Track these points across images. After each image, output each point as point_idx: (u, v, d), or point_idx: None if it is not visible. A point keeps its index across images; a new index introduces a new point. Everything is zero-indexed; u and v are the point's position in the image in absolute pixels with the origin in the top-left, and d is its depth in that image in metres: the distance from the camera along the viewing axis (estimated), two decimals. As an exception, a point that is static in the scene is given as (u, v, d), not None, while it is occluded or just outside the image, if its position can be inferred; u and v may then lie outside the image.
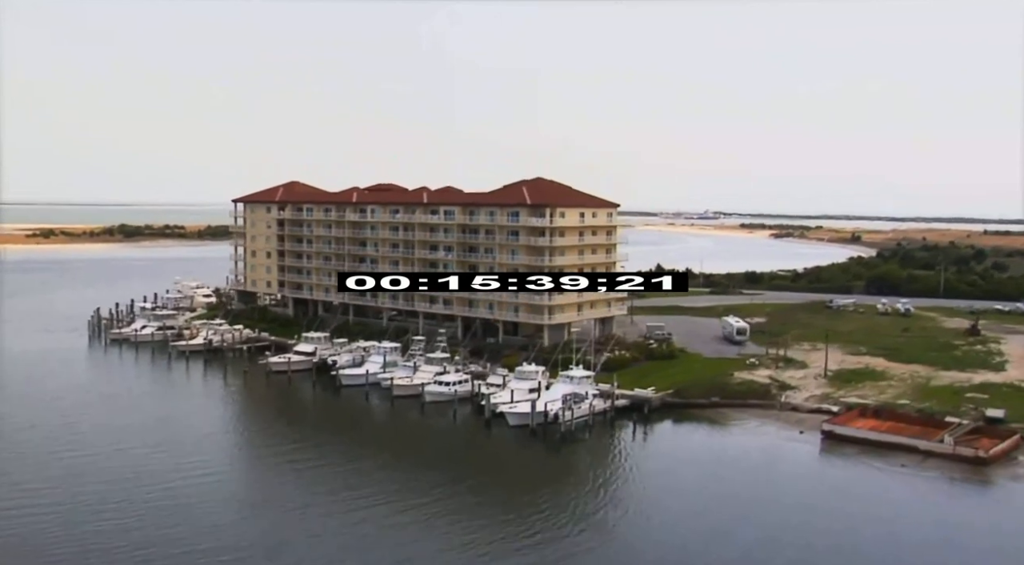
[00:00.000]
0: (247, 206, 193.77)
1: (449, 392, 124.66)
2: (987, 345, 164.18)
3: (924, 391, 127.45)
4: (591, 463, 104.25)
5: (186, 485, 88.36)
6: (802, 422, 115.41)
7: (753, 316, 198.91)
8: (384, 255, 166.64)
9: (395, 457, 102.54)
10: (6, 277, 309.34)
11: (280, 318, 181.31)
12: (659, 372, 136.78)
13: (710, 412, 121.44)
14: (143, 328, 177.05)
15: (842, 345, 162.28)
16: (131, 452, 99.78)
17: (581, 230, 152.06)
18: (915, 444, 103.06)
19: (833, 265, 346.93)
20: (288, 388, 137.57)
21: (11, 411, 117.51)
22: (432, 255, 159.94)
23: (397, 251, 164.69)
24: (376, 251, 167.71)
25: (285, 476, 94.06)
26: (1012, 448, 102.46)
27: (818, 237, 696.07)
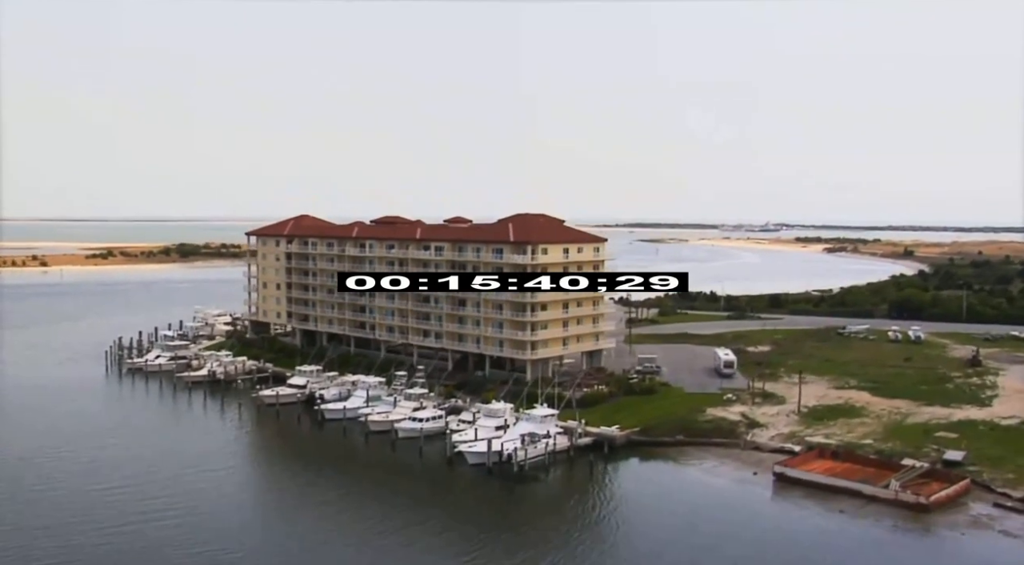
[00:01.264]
0: (259, 239, 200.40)
1: (423, 428, 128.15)
2: (985, 377, 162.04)
3: (894, 430, 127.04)
4: (535, 505, 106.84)
5: (131, 530, 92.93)
6: (761, 462, 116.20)
7: (760, 344, 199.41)
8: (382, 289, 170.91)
9: (345, 494, 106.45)
10: (59, 302, 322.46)
11: (288, 348, 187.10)
12: (634, 408, 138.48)
13: (673, 451, 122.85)
14: (156, 358, 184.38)
15: (834, 377, 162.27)
16: (88, 490, 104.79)
17: (565, 266, 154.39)
18: (860, 489, 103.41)
19: (867, 285, 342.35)
20: (275, 422, 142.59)
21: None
22: (424, 290, 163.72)
23: (395, 284, 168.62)
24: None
25: (235, 517, 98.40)
26: (959, 494, 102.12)
27: (871, 251, 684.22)
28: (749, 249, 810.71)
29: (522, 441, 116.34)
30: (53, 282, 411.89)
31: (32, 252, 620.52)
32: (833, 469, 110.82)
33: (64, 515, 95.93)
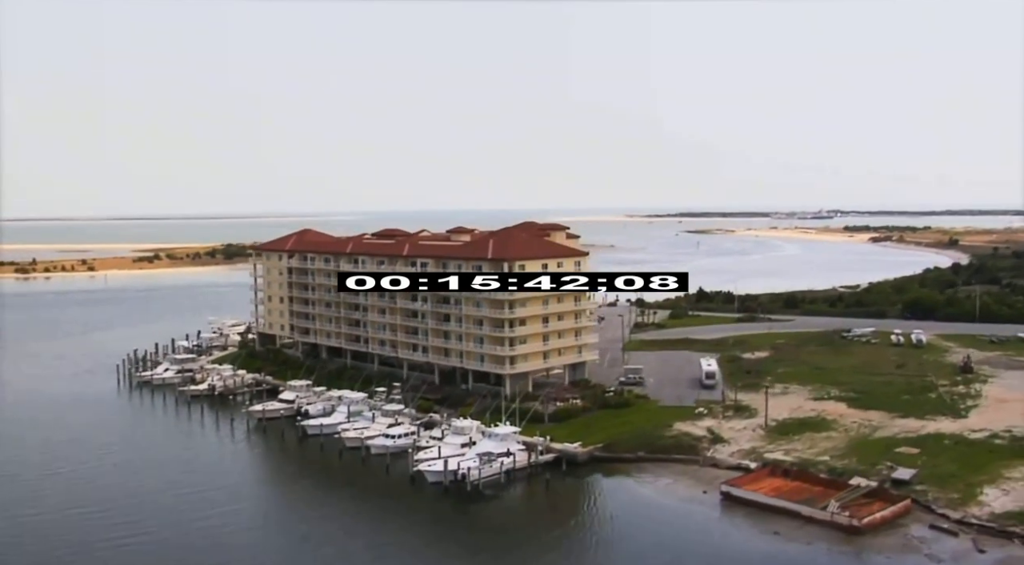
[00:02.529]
0: (264, 254, 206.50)
1: (393, 445, 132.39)
2: (972, 385, 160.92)
3: (857, 446, 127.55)
4: (479, 525, 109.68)
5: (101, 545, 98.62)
6: (716, 479, 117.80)
7: (758, 350, 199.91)
8: (373, 304, 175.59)
9: (307, 512, 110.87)
10: (97, 310, 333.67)
11: (290, 361, 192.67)
12: (604, 423, 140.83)
13: (633, 468, 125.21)
14: (165, 371, 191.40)
15: (818, 386, 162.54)
16: (63, 511, 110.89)
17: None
18: (799, 510, 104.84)
19: (893, 281, 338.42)
20: (260, 438, 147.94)
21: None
22: (412, 305, 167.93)
23: (383, 300, 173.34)
24: (366, 300, 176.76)
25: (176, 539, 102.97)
26: (897, 515, 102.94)
27: (916, 240, 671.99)
28: (794, 240, 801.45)
29: (479, 460, 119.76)
30: (97, 288, 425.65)
31: (83, 254, 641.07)
32: (781, 488, 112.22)
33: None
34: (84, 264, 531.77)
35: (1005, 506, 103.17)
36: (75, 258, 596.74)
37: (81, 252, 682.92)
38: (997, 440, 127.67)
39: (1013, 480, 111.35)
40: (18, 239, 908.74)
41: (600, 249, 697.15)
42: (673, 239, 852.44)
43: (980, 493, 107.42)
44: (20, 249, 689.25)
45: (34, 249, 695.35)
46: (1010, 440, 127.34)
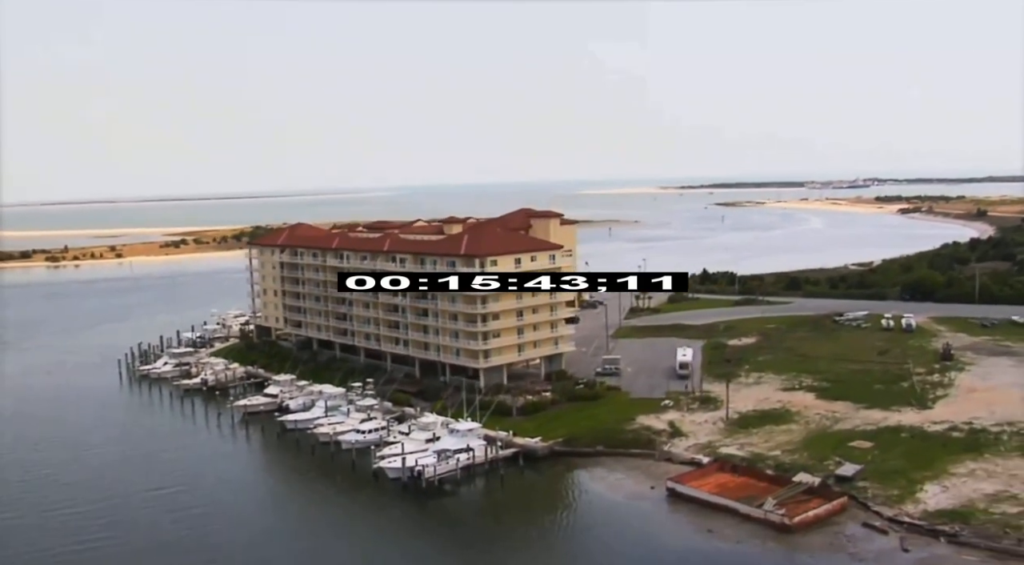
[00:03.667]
0: (258, 248, 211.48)
1: (363, 440, 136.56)
2: (948, 374, 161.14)
3: (813, 440, 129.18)
4: (428, 523, 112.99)
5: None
6: (667, 474, 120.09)
7: (746, 336, 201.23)
8: (357, 298, 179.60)
9: (265, 508, 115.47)
10: (117, 299, 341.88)
11: (284, 353, 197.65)
12: (570, 416, 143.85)
13: (590, 462, 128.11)
14: (164, 365, 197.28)
15: (793, 375, 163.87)
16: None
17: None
18: (736, 507, 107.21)
19: (904, 258, 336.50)
20: (244, 432, 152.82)
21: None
22: (392, 300, 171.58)
23: (367, 294, 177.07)
24: (351, 294, 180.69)
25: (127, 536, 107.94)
26: (832, 513, 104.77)
27: (946, 211, 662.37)
28: (821, 212, 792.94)
29: (437, 456, 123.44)
30: (122, 276, 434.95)
31: (116, 239, 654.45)
32: (726, 485, 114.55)
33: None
34: (113, 251, 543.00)
35: (940, 504, 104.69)
36: (107, 244, 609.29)
37: (113, 238, 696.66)
38: (955, 433, 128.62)
39: (956, 476, 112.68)
40: (54, 225, 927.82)
41: (624, 225, 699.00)
42: (701, 213, 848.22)
43: (920, 490, 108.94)
44: (54, 235, 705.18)
45: (68, 235, 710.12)
46: (967, 433, 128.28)
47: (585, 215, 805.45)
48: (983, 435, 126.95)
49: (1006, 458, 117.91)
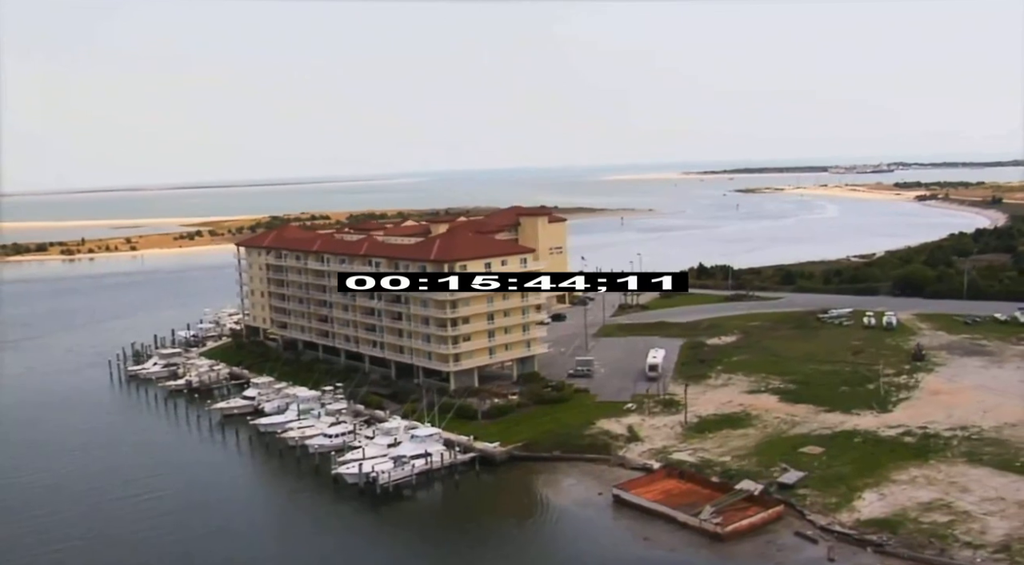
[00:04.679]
0: (247, 249, 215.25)
1: (330, 444, 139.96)
2: (916, 375, 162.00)
3: (766, 444, 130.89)
4: (377, 529, 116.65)
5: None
6: (619, 479, 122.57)
7: (727, 334, 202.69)
8: (336, 301, 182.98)
9: (222, 512, 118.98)
10: (123, 294, 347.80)
11: (271, 353, 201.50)
12: (534, 420, 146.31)
13: (545, 467, 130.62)
14: (153, 365, 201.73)
15: (762, 376, 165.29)
16: None
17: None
18: (675, 515, 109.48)
19: (905, 250, 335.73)
20: (220, 435, 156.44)
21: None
22: (369, 303, 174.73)
23: (345, 297, 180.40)
24: (330, 296, 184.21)
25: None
26: (767, 521, 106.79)
27: (962, 198, 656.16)
28: (839, 199, 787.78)
29: (394, 462, 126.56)
30: (133, 270, 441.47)
31: (135, 230, 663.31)
32: (671, 491, 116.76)
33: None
34: (128, 243, 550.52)
35: (874, 512, 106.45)
36: (125, 235, 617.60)
37: (132, 228, 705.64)
38: (907, 438, 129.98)
39: (897, 483, 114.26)
40: (77, 214, 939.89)
41: (638, 214, 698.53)
42: (718, 200, 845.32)
43: (858, 498, 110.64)
44: (74, 226, 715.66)
45: (88, 226, 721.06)
46: (920, 438, 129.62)
47: (602, 203, 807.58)
48: (934, 440, 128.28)
49: (951, 464, 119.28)
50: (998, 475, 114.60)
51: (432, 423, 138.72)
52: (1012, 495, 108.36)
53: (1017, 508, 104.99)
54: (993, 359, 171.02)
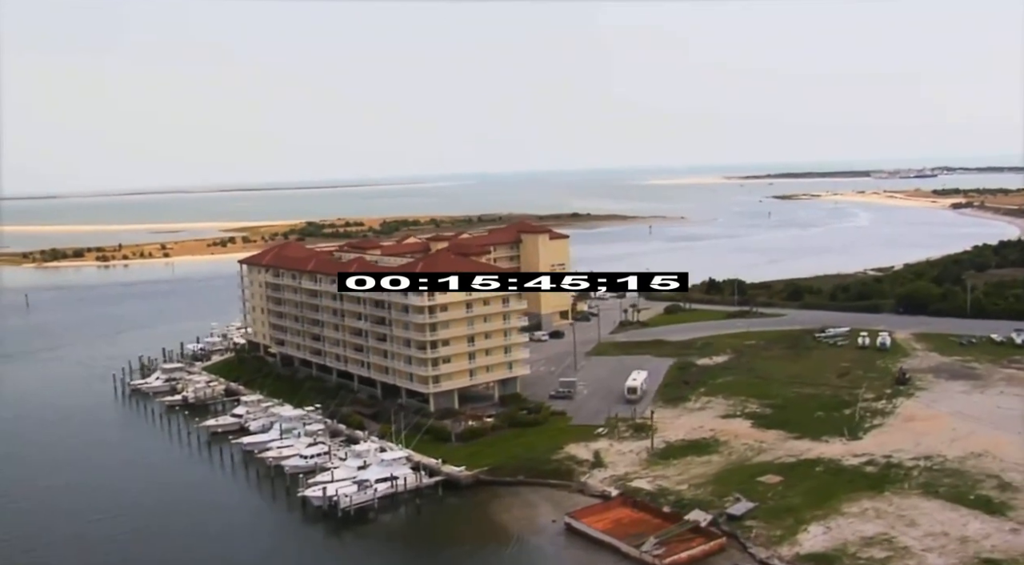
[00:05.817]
0: (248, 266, 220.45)
1: (303, 465, 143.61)
2: (894, 400, 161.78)
3: (726, 473, 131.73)
4: (324, 555, 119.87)
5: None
6: (574, 507, 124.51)
7: (719, 354, 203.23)
8: (327, 321, 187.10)
9: (189, 534, 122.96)
10: (148, 304, 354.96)
11: (269, 369, 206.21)
12: (505, 443, 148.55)
13: (509, 492, 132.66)
14: (156, 380, 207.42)
15: (741, 400, 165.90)
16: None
17: (468, 302, 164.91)
18: (619, 546, 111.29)
19: (924, 262, 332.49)
20: (205, 453, 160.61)
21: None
22: (357, 324, 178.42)
23: (335, 317, 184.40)
24: (322, 315, 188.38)
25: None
26: (707, 554, 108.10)
27: (996, 206, 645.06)
28: (874, 206, 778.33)
29: (358, 486, 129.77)
30: (163, 278, 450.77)
31: (173, 235, 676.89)
32: (621, 520, 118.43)
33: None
34: (162, 249, 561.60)
35: (815, 546, 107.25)
36: (164, 239, 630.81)
37: (170, 233, 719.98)
38: (869, 467, 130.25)
39: (846, 516, 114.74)
40: (118, 218, 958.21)
41: (670, 221, 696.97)
42: (753, 206, 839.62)
43: (803, 530, 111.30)
44: (114, 230, 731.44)
45: (127, 230, 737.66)
46: (881, 468, 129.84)
47: (636, 209, 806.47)
48: (895, 471, 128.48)
49: (904, 497, 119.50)
50: (949, 509, 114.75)
51: (404, 445, 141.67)
52: (956, 531, 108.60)
53: (958, 544, 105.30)
54: (977, 383, 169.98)
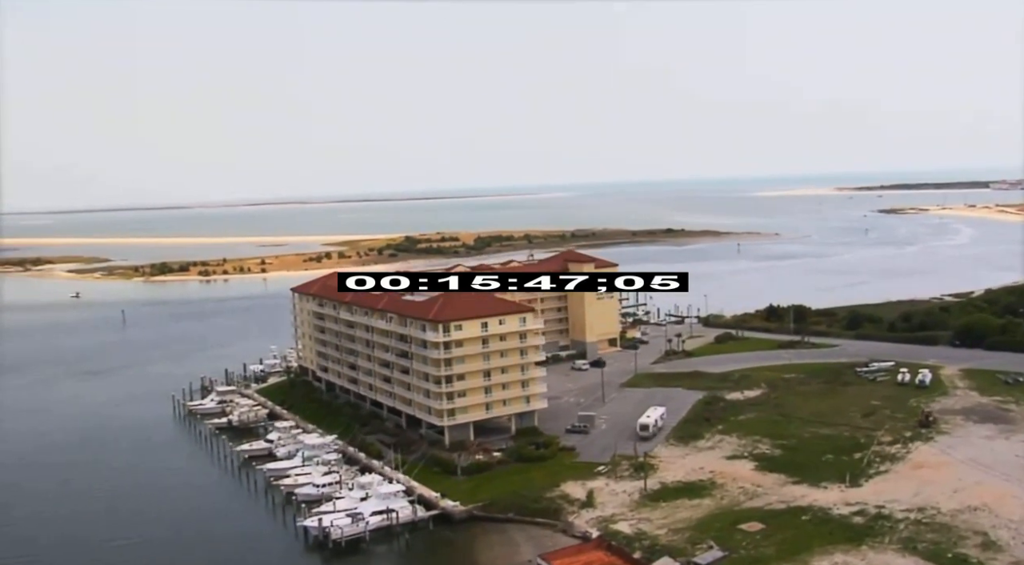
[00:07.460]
0: (299, 295, 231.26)
1: (314, 494, 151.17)
2: (910, 444, 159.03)
3: (710, 518, 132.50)
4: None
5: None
6: (556, 546, 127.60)
7: (753, 388, 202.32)
8: (362, 351, 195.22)
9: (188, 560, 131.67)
10: (234, 320, 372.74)
11: (314, 395, 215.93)
12: (507, 478, 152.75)
13: (497, 528, 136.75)
14: (210, 402, 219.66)
15: (754, 439, 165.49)
16: None
17: (484, 339, 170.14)
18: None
19: (1001, 289, 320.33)
20: (236, 478, 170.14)
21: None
22: (384, 355, 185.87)
23: (368, 348, 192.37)
24: (357, 346, 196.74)
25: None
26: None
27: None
28: (980, 222, 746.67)
29: (352, 518, 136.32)
30: (255, 294, 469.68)
31: (278, 248, 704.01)
32: (593, 564, 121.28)
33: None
34: (260, 264, 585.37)
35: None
36: (266, 254, 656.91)
37: (275, 247, 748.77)
38: (857, 518, 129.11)
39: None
40: (231, 230, 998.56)
41: (763, 238, 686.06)
42: (854, 222, 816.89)
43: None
44: (224, 243, 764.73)
45: (236, 242, 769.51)
46: (869, 518, 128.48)
47: (732, 224, 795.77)
48: (881, 522, 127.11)
49: (880, 552, 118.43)
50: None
51: (409, 476, 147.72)
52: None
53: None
54: (1005, 428, 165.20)
